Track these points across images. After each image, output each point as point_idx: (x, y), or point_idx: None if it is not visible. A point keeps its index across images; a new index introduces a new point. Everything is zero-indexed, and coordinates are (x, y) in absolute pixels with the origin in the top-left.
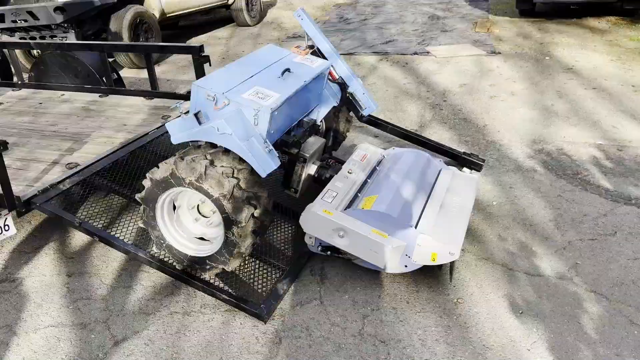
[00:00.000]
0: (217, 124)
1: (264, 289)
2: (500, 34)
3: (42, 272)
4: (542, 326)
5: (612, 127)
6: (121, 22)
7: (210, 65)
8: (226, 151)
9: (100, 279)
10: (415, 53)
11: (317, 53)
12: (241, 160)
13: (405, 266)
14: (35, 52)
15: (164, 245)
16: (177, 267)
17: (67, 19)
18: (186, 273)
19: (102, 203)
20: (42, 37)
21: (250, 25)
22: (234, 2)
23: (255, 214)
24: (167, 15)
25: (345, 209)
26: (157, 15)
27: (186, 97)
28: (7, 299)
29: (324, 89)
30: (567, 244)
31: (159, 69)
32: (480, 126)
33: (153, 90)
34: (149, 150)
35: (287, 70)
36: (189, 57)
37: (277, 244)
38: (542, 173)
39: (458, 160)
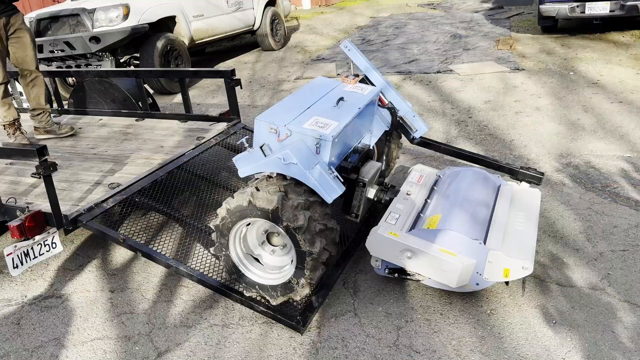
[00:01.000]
0: (282, 155)
1: (300, 301)
2: (523, 50)
3: (87, 288)
4: (576, 336)
5: None
6: (153, 49)
7: (241, 88)
8: (298, 183)
9: (141, 294)
10: (439, 72)
11: (365, 80)
12: (312, 192)
13: (477, 284)
14: (70, 80)
15: (236, 272)
16: (244, 293)
17: (102, 48)
18: (225, 286)
19: (142, 221)
20: (78, 66)
21: (275, 50)
22: (259, 27)
23: (326, 246)
24: (196, 42)
25: (409, 230)
26: (187, 42)
27: (218, 119)
28: (54, 314)
29: (375, 115)
30: (598, 255)
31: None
32: (507, 141)
33: (187, 114)
34: (186, 169)
35: (342, 99)
36: (216, 81)
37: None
38: (570, 186)
39: (516, 174)
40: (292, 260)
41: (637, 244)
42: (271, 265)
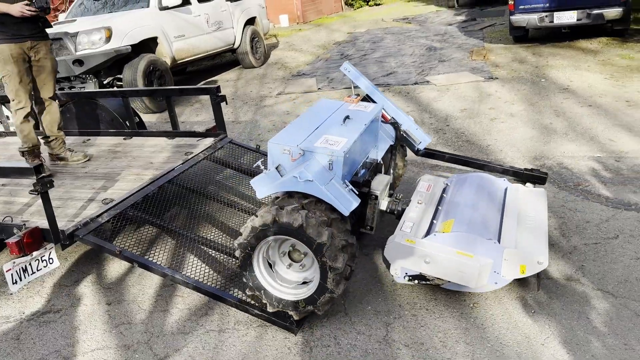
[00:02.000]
0: (297, 173)
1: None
2: (497, 60)
3: (84, 302)
4: (553, 323)
5: (609, 140)
6: (135, 70)
7: (226, 104)
8: (319, 201)
9: (138, 305)
10: (416, 83)
11: (367, 99)
12: (332, 209)
13: (496, 283)
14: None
15: (259, 288)
16: (269, 309)
17: (85, 70)
18: (220, 292)
19: (136, 234)
20: (61, 89)
21: (255, 67)
22: (239, 46)
23: (348, 262)
24: (178, 62)
25: (425, 236)
26: (169, 62)
27: (205, 134)
28: (53, 328)
29: (379, 131)
30: (572, 248)
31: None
32: (484, 147)
33: (174, 130)
34: (176, 184)
35: (347, 117)
36: (199, 99)
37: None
38: (544, 186)
39: (521, 176)
40: (304, 280)
41: (608, 237)
42: (283, 277)
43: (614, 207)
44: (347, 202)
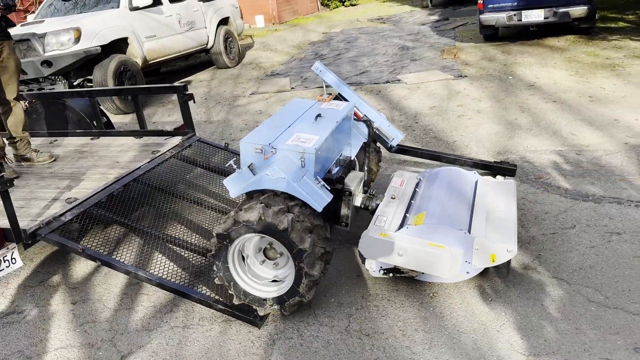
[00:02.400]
0: (270, 171)
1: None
2: (467, 59)
3: (48, 302)
4: (509, 310)
5: (571, 134)
6: (106, 71)
7: (194, 102)
8: (304, 205)
9: (103, 303)
10: (387, 82)
11: (339, 97)
12: (315, 215)
13: (467, 272)
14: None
15: (228, 280)
16: (235, 301)
17: (54, 71)
18: (183, 288)
19: (103, 234)
20: (30, 90)
21: (229, 67)
22: (212, 46)
23: (323, 269)
24: (150, 62)
25: (398, 230)
26: (140, 62)
27: (173, 133)
28: (16, 329)
29: (352, 129)
30: (530, 238)
31: (145, 112)
32: (450, 142)
33: (142, 130)
34: (143, 182)
35: (319, 115)
36: (173, 99)
37: None
38: (513, 178)
39: (491, 169)
40: (275, 277)
41: (565, 227)
42: (255, 272)
43: (572, 198)
44: (319, 198)
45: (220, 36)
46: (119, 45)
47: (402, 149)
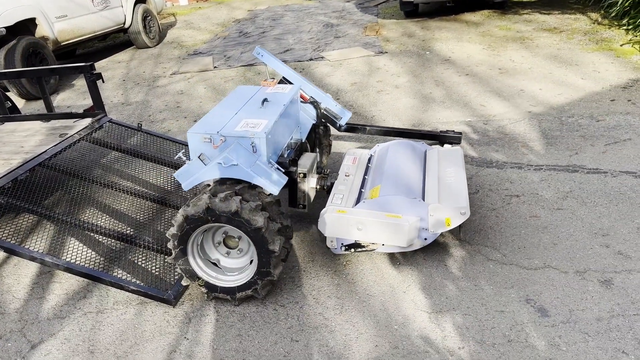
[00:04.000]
0: (222, 159)
1: (172, 278)
2: (388, 35)
3: None
4: (415, 272)
5: (480, 105)
6: (13, 53)
7: (103, 82)
8: (252, 187)
9: (12, 294)
10: (311, 59)
11: (284, 81)
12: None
13: (425, 239)
14: None
15: (198, 280)
16: (206, 297)
17: None
18: (93, 271)
19: (13, 223)
20: None
21: (150, 47)
22: (130, 25)
23: (284, 244)
24: (62, 44)
25: (355, 205)
26: (51, 44)
27: (82, 115)
28: None
29: (300, 111)
30: None
31: (58, 97)
32: (369, 117)
33: (49, 113)
34: (52, 167)
35: (265, 100)
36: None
37: None
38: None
39: (438, 139)
40: (250, 261)
41: (470, 192)
42: (228, 267)
43: (477, 165)
44: (274, 182)
45: (138, 15)
46: (27, 26)
47: (351, 127)
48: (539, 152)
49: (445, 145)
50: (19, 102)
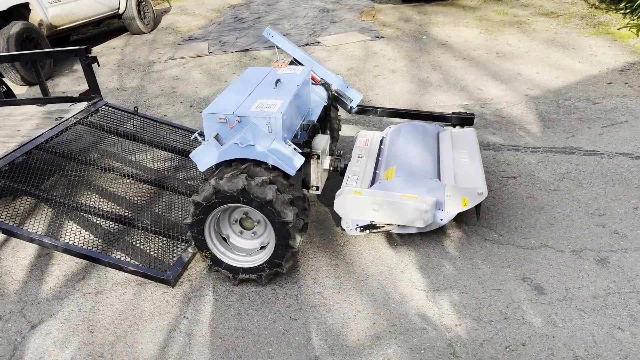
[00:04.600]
0: (238, 140)
1: (171, 260)
2: (384, 20)
3: None
4: (412, 252)
5: (477, 89)
6: (7, 38)
7: (98, 65)
8: (258, 164)
9: (11, 276)
10: (307, 44)
11: (294, 63)
12: (274, 167)
13: (441, 219)
14: None
15: (206, 251)
16: (208, 269)
17: None
18: (91, 252)
19: (11, 206)
20: None
21: (144, 33)
22: (124, 11)
23: (300, 215)
24: (57, 29)
25: (370, 187)
26: (45, 30)
27: (78, 99)
28: None
29: (311, 93)
30: None
31: (54, 82)
32: (366, 102)
33: (45, 97)
34: (48, 150)
35: (279, 80)
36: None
37: (181, 222)
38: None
39: (450, 120)
40: (261, 247)
41: None
42: (237, 246)
43: None
44: (291, 162)
45: (132, 0)
46: (20, 11)
47: (362, 109)
48: (536, 135)
49: (458, 127)
50: (16, 90)
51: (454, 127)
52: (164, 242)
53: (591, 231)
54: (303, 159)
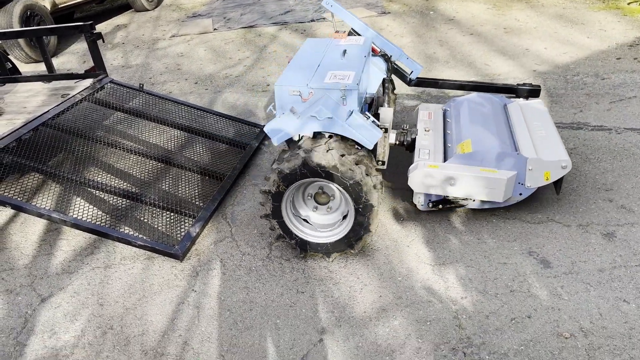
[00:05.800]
0: (315, 112)
1: (179, 235)
2: None
3: None
4: (419, 227)
5: (485, 64)
6: (10, 16)
7: (103, 42)
8: (343, 139)
9: (21, 251)
10: (312, 20)
11: (353, 33)
12: (358, 147)
13: (520, 194)
14: None
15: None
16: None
17: None
18: (100, 227)
19: (19, 182)
20: None
21: (149, 10)
22: None
23: (379, 194)
24: (60, 6)
25: (444, 161)
26: (49, 6)
27: (84, 75)
28: None
29: (371, 64)
30: None
31: (58, 60)
32: None
33: (50, 74)
34: (54, 127)
35: (345, 51)
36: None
37: (188, 197)
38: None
39: (515, 92)
40: (342, 217)
41: None
42: (317, 223)
43: None
44: (370, 135)
45: None
46: None
47: (421, 82)
48: None
49: (523, 99)
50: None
51: (521, 99)
52: (172, 217)
53: (598, 206)
54: (381, 132)
